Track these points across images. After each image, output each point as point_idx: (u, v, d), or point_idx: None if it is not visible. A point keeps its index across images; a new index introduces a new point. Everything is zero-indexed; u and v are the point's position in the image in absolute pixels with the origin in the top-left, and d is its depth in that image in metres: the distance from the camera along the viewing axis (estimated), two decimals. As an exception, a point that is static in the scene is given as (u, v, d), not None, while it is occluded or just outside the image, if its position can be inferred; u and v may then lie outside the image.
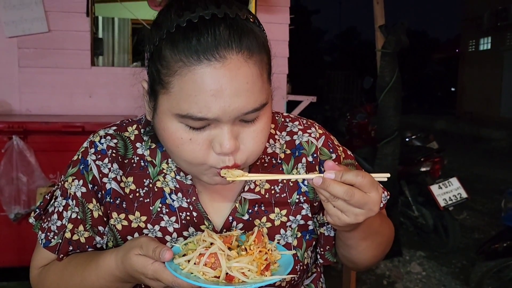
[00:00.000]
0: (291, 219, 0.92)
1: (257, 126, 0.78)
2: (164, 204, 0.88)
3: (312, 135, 0.95)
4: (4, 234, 2.77)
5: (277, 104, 3.88)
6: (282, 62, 3.88)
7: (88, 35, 3.52)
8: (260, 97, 0.75)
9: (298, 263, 0.91)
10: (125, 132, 0.92)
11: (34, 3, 3.39)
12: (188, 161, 0.77)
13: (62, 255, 0.88)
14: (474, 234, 4.49)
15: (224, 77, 0.71)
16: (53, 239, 0.88)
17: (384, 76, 3.44)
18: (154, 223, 0.88)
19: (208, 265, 0.71)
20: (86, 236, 0.88)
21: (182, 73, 0.71)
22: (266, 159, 0.93)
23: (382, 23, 3.49)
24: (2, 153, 2.67)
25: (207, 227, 0.88)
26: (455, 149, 9.63)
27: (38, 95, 3.50)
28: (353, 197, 0.70)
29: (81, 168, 0.89)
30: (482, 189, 6.17)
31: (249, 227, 0.89)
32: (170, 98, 0.74)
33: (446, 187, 3.61)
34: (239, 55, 0.72)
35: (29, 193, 2.71)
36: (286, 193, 0.92)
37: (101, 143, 0.90)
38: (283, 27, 3.90)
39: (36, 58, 3.47)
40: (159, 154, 0.90)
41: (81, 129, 2.77)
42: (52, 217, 0.90)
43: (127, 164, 0.90)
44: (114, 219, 0.88)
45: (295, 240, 0.91)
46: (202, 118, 0.72)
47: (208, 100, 0.71)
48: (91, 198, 0.88)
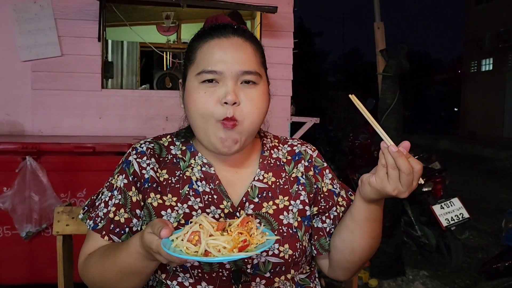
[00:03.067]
0: (292, 203, 1.13)
1: (253, 91, 1.04)
2: (191, 188, 1.09)
3: (308, 148, 1.23)
4: (16, 252, 2.84)
5: (281, 125, 3.97)
6: (286, 84, 3.98)
7: (99, 59, 3.66)
8: (253, 66, 1.04)
9: (298, 241, 1.09)
10: (160, 140, 1.17)
11: (49, 28, 3.54)
12: (201, 113, 1.02)
13: (105, 232, 1.06)
14: (478, 254, 4.50)
15: (228, 47, 1.03)
16: (100, 223, 1.07)
17: (385, 98, 3.53)
18: (183, 202, 1.08)
19: (193, 242, 0.82)
20: (126, 217, 1.07)
21: (201, 47, 1.05)
22: (271, 161, 1.17)
23: (383, 48, 3.61)
24: (16, 173, 2.76)
25: (226, 205, 1.08)
26: (458, 169, 9.66)
27: (50, 116, 3.61)
28: (406, 177, 0.87)
29: (123, 166, 1.11)
30: (485, 209, 6.19)
31: (258, 207, 1.10)
32: (193, 66, 1.06)
33: (448, 207, 3.65)
34: (240, 38, 1.06)
35: (40, 212, 2.80)
36: (288, 185, 1.15)
37: (141, 147, 1.13)
38: (287, 51, 4.02)
39: (49, 81, 3.60)
40: (188, 153, 1.15)
41: (92, 150, 2.85)
42: (100, 207, 1.09)
43: (162, 161, 1.13)
44: (151, 198, 1.08)
45: (296, 222, 1.11)
46: (212, 71, 1.01)
47: (217, 60, 1.02)
48: (131, 187, 1.08)
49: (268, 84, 1.13)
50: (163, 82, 4.60)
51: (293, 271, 1.10)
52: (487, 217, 5.75)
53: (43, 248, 2.84)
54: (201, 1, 3.58)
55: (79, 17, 3.60)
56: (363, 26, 16.11)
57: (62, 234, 1.44)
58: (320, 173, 1.18)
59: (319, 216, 1.15)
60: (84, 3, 3.57)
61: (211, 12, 4.40)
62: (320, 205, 1.15)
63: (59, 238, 1.44)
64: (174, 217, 1.05)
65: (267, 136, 1.23)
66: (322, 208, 1.15)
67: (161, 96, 3.82)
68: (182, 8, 3.61)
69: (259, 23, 3.88)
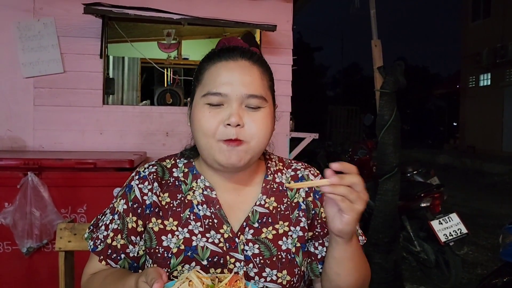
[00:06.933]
0: (292, 229, 1.13)
1: (258, 115, 1.05)
2: (192, 212, 1.11)
3: (311, 172, 1.22)
4: (16, 268, 2.85)
5: (280, 141, 4.01)
6: (285, 100, 4.03)
7: (101, 76, 3.70)
8: (260, 90, 1.06)
9: (296, 267, 1.10)
10: (163, 162, 1.19)
11: (51, 45, 3.60)
12: (205, 132, 1.03)
13: (102, 257, 1.10)
14: (477, 269, 4.51)
15: (235, 69, 1.05)
16: (99, 245, 1.11)
17: (383, 114, 3.57)
18: (184, 227, 1.09)
19: None
20: (122, 243, 1.10)
21: (209, 68, 1.08)
22: (274, 186, 1.17)
23: (381, 65, 3.66)
24: (18, 189, 2.78)
25: (226, 230, 1.09)
26: (457, 184, 9.67)
27: (51, 132, 3.65)
28: (357, 190, 0.90)
29: (126, 191, 1.14)
30: (484, 224, 6.20)
31: (258, 232, 1.11)
32: (200, 86, 1.08)
33: (446, 222, 3.67)
34: (247, 61, 1.07)
35: (41, 228, 2.82)
36: (289, 211, 1.15)
37: (144, 172, 1.15)
38: (287, 68, 4.08)
39: (51, 97, 3.64)
40: (190, 176, 1.15)
41: (93, 165, 2.88)
42: (101, 229, 1.13)
43: (164, 184, 1.14)
44: (153, 223, 1.10)
45: (294, 247, 1.11)
46: (217, 93, 1.03)
47: (223, 82, 1.04)
48: (129, 213, 1.11)
49: (275, 108, 1.13)
50: (163, 98, 4.64)
51: None
52: (486, 232, 5.75)
53: (44, 264, 2.85)
54: (202, 19, 3.64)
55: (82, 35, 3.66)
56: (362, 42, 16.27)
57: (64, 250, 1.46)
58: (320, 198, 1.17)
59: (312, 241, 1.15)
60: (86, 21, 3.63)
61: (212, 30, 4.47)
62: (316, 230, 1.15)
63: (61, 254, 1.46)
64: (174, 243, 1.07)
65: (272, 159, 1.23)
66: (316, 234, 1.15)
67: (162, 112, 3.86)
68: (183, 26, 3.67)
69: (258, 40, 3.94)
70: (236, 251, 1.07)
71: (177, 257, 1.05)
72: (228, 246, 1.08)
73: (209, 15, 3.77)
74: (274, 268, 1.07)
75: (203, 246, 1.06)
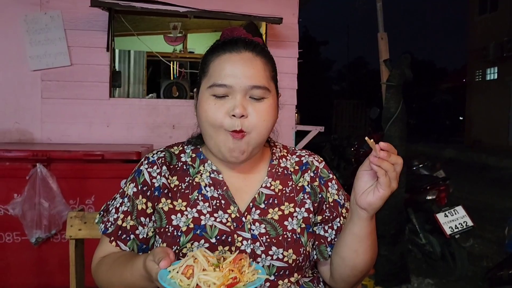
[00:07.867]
0: (297, 210, 1.17)
1: (261, 105, 1.09)
2: (200, 194, 1.15)
3: (315, 159, 1.27)
4: (25, 258, 2.89)
5: (286, 134, 4.02)
6: (290, 94, 4.03)
7: (108, 69, 3.73)
8: (262, 81, 1.09)
9: (301, 246, 1.13)
10: (171, 149, 1.23)
11: (58, 38, 3.62)
12: (211, 122, 1.07)
13: (113, 238, 1.13)
14: (483, 262, 4.50)
15: (238, 61, 1.08)
16: (110, 227, 1.15)
17: (389, 107, 3.57)
18: (192, 207, 1.13)
19: (187, 275, 0.87)
20: (131, 224, 1.13)
21: (214, 60, 1.11)
22: (279, 170, 1.21)
23: (387, 58, 3.65)
24: (26, 180, 2.82)
25: (233, 210, 1.13)
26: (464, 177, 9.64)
27: (59, 124, 3.68)
28: (397, 170, 0.97)
29: (135, 175, 1.18)
30: (490, 217, 6.19)
31: (264, 213, 1.14)
32: (206, 78, 1.11)
33: (452, 215, 3.67)
34: (250, 53, 1.10)
35: (50, 218, 2.86)
36: (294, 193, 1.19)
37: (153, 157, 1.19)
38: (292, 61, 4.08)
39: (58, 90, 3.67)
40: (198, 160, 1.20)
41: (101, 157, 2.91)
42: (111, 212, 1.17)
43: (172, 168, 1.19)
44: (162, 203, 1.14)
45: (299, 228, 1.15)
46: (222, 85, 1.07)
47: (227, 74, 1.07)
48: (139, 195, 1.15)
49: (278, 96, 1.18)
50: (170, 91, 4.65)
51: (297, 275, 1.14)
52: (492, 225, 5.74)
53: (52, 254, 2.89)
54: (208, 12, 3.65)
55: (88, 28, 3.68)
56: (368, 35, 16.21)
57: (75, 238, 1.49)
58: (325, 184, 1.22)
59: (322, 225, 1.19)
60: (93, 14, 3.65)
61: (218, 23, 4.47)
62: (325, 215, 1.19)
63: (72, 242, 1.49)
64: (184, 222, 1.11)
65: (276, 146, 1.27)
66: (326, 218, 1.19)
67: (168, 105, 3.88)
68: (189, 19, 3.68)
69: (264, 33, 3.94)
70: (243, 230, 1.11)
71: (187, 235, 1.09)
72: (236, 225, 1.11)
73: (215, 8, 3.78)
74: (280, 247, 1.11)
75: (212, 225, 1.10)
